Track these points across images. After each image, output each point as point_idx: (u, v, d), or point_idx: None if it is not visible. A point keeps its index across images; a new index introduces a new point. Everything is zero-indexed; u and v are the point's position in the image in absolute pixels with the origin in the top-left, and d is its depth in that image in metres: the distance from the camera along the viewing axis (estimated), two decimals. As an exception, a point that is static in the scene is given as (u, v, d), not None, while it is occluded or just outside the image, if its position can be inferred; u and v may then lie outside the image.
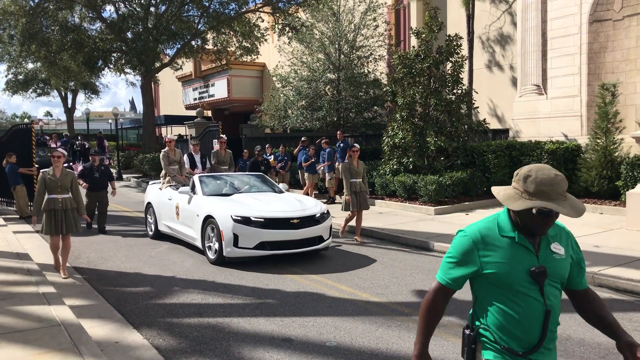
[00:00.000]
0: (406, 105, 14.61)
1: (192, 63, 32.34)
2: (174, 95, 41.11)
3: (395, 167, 14.94)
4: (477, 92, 16.10)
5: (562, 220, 2.47)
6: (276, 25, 23.35)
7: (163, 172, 10.88)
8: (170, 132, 42.46)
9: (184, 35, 26.38)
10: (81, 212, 7.84)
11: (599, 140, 12.62)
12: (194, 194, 9.28)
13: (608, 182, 12.36)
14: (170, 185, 10.47)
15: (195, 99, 34.21)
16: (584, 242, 8.94)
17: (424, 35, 14.77)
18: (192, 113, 30.44)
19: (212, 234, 8.31)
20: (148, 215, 10.92)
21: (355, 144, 10.49)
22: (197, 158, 12.13)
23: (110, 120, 43.80)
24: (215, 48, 26.66)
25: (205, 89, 33.24)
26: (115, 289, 7.01)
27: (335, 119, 18.70)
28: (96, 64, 26.93)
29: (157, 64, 26.86)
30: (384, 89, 17.12)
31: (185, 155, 11.76)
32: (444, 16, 19.23)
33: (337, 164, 14.87)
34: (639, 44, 13.36)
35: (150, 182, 11.76)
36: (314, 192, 15.97)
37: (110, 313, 5.94)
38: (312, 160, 15.15)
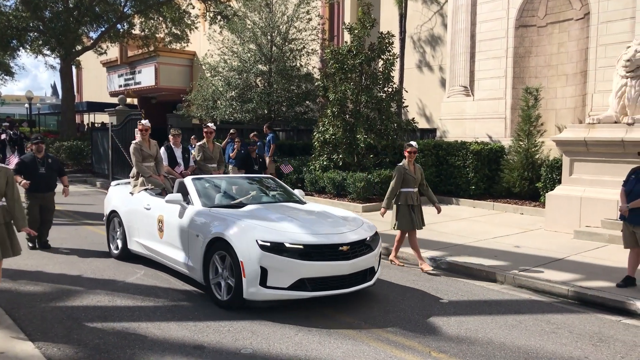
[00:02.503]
0: (337, 101, 14.46)
1: (117, 48, 30.78)
2: (99, 81, 39.06)
3: (325, 163, 14.77)
4: (407, 91, 16.21)
5: (484, 221, 2.26)
6: (207, 13, 22.57)
7: (133, 170, 8.17)
8: (93, 119, 40.38)
9: (109, 18, 24.97)
10: (20, 226, 5.58)
11: (521, 143, 12.98)
12: (188, 204, 6.65)
13: (529, 184, 12.74)
14: (147, 189, 7.82)
15: (120, 86, 32.62)
16: (504, 243, 9.10)
17: (356, 31, 14.67)
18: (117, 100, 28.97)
19: (222, 266, 5.84)
20: (112, 228, 8.18)
21: (412, 142, 8.10)
22: (178, 153, 9.41)
23: (26, 105, 41.04)
24: (143, 33, 25.46)
25: (131, 76, 31.75)
26: (9, 289, 6.32)
27: (266, 112, 18.28)
28: (10, 43, 24.96)
29: (79, 47, 25.31)
30: (316, 84, 16.92)
31: (162, 149, 9.09)
32: (377, 13, 19.27)
33: (267, 158, 14.50)
34: (560, 50, 13.86)
35: (113, 183, 8.97)
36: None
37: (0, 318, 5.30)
38: (242, 151, 14.71)
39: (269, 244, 5.50)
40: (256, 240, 5.52)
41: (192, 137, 16.70)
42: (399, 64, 16.87)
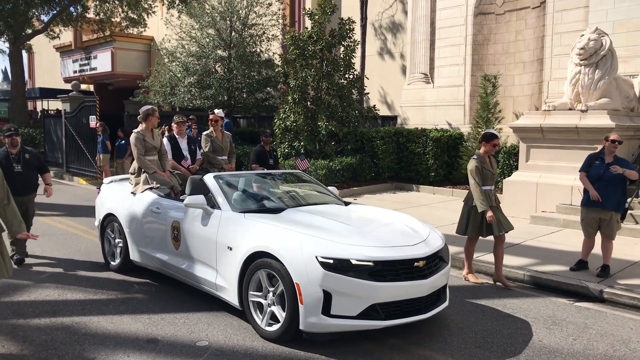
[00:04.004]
0: (298, 88, 14.32)
1: (71, 32, 29.67)
2: (53, 66, 37.67)
3: (286, 150, 14.64)
4: (368, 78, 16.18)
5: (443, 207, 2.21)
6: (165, -3, 21.91)
7: (134, 165, 6.86)
8: (47, 106, 38.97)
9: (61, 1, 23.99)
10: (16, 232, 4.56)
11: (479, 129, 13.13)
12: (213, 207, 5.41)
13: (487, 170, 12.91)
14: (152, 189, 6.54)
15: (75, 72, 31.50)
16: (463, 228, 9.19)
17: (317, 17, 14.51)
18: (71, 86, 27.98)
19: (271, 289, 4.63)
20: (108, 235, 6.89)
21: (492, 130, 6.70)
22: (184, 144, 7.96)
23: (-27, 91, 39.27)
24: (98, 17, 24.56)
25: (86, 61, 30.67)
26: (-49, 285, 6.00)
27: (226, 99, 17.96)
28: (-47, 25, 23.72)
29: (29, 31, 24.24)
30: (277, 70, 16.71)
31: (165, 140, 7.64)
32: (339, 0, 19.13)
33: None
34: (517, 38, 14.06)
35: (106, 180, 7.61)
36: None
37: (-61, 316, 5.02)
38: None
39: (331, 261, 4.31)
40: (316, 257, 4.33)
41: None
42: (360, 51, 16.81)
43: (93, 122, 16.20)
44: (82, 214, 10.68)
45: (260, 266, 4.66)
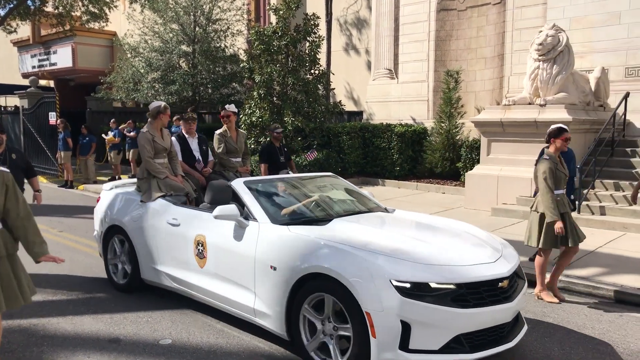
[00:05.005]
0: (264, 83, 14.27)
1: (29, 27, 28.80)
2: (10, 61, 36.53)
3: (252, 146, 14.57)
4: (333, 74, 16.24)
5: (407, 201, 2.26)
6: (127, -9, 21.46)
7: (141, 169, 5.96)
8: (4, 102, 37.76)
9: (18, -6, 23.24)
10: (37, 254, 3.79)
11: (443, 124, 13.35)
12: (247, 219, 4.63)
13: (450, 164, 13.16)
14: (166, 197, 5.68)
15: (34, 67, 30.61)
16: (427, 221, 9.33)
17: (281, 12, 14.48)
18: (30, 82, 27.18)
19: (331, 318, 3.91)
20: (112, 249, 6.05)
21: (560, 125, 5.92)
22: (194, 144, 6.89)
23: None
24: (57, 11, 23.89)
25: (46, 57, 29.85)
26: None
27: (191, 94, 17.76)
28: None
29: (-16, 25, 23.43)
30: (242, 65, 16.61)
31: (173, 139, 6.59)
32: (304, -5, 19.10)
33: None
34: (479, 34, 14.31)
35: (106, 187, 6.55)
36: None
37: None
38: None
39: (408, 285, 3.59)
40: (390, 281, 3.59)
41: (111, 120, 16.03)
42: (326, 47, 16.85)
43: (53, 118, 15.81)
44: (44, 213, 10.42)
45: (315, 290, 3.92)
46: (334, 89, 16.39)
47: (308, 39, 14.63)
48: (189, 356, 4.24)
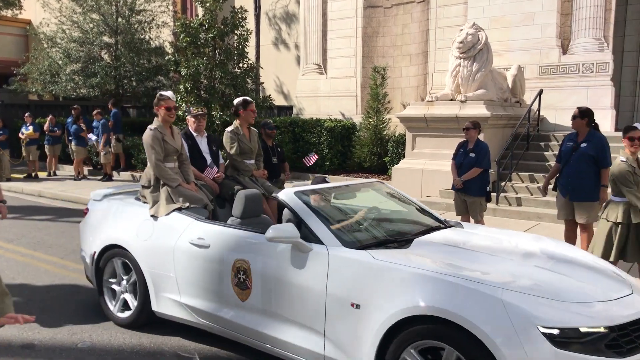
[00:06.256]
0: (190, 77, 13.93)
1: None
2: None
3: (179, 141, 14.23)
4: (262, 68, 16.11)
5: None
6: (42, -23, 20.29)
7: (147, 175, 4.93)
8: None
9: None
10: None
11: (370, 120, 13.60)
12: (308, 241, 3.64)
13: (378, 158, 13.43)
14: (182, 210, 4.61)
15: (-62, 56, 28.38)
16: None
17: (208, 5, 14.19)
18: None
19: None
20: (109, 276, 4.89)
21: (636, 124, 5.43)
22: (204, 145, 5.91)
23: None
24: (-37, -4, 22.29)
25: (-49, 45, 27.74)
26: None
27: (114, 87, 17.08)
28: None
29: None
30: (167, 58, 16.16)
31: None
32: (231, -13, 18.83)
33: (112, 136, 13.62)
34: (404, 31, 14.67)
35: (96, 194, 5.37)
36: (86, 169, 14.46)
37: None
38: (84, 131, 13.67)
39: (556, 332, 2.76)
40: (536, 326, 2.76)
41: (26, 114, 15.14)
42: (255, 41, 16.71)
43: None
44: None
45: (426, 338, 3.01)
46: (263, 83, 16.29)
47: (236, 32, 14.43)
48: (110, 358, 4.09)
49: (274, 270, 3.72)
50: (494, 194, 9.39)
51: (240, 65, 14.71)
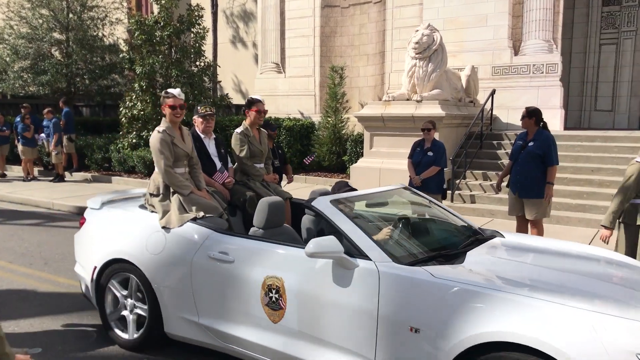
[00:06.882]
0: (145, 75, 13.68)
1: None
2: None
3: (134, 141, 13.94)
4: (219, 66, 15.99)
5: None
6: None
7: (155, 179, 4.46)
8: None
9: None
10: None
11: (329, 119, 13.67)
12: (354, 256, 3.26)
13: (337, 157, 13.51)
14: (197, 220, 4.13)
15: None
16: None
17: (163, 2, 13.97)
18: None
19: None
20: (113, 293, 4.35)
21: None
22: (212, 147, 5.37)
23: None
24: None
25: None
26: None
27: (65, 85, 16.59)
28: None
29: None
30: (122, 56, 15.82)
31: None
32: (187, -15, 18.58)
33: (64, 136, 13.23)
34: (362, 31, 14.80)
35: (94, 203, 4.80)
36: (37, 169, 14.01)
37: None
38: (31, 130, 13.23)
39: None
40: (637, 355, 2.43)
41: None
42: (212, 39, 16.54)
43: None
44: None
45: None
46: (220, 81, 16.15)
47: (192, 30, 14.26)
48: (61, 365, 3.98)
49: (313, 289, 3.33)
50: (449, 192, 9.61)
51: (197, 63, 14.56)
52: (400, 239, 3.67)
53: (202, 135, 5.27)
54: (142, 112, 13.75)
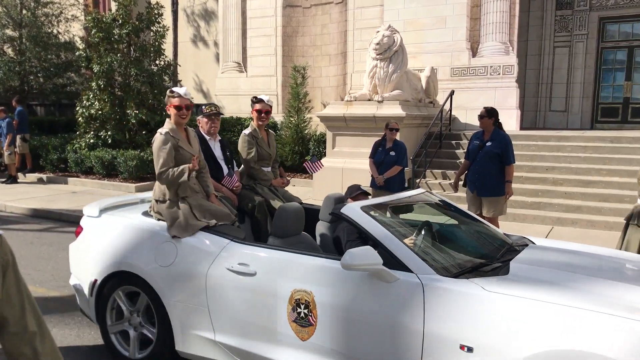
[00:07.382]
0: (103, 74, 13.36)
1: None
2: None
3: (92, 141, 13.60)
4: (180, 65, 15.79)
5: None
6: None
7: (159, 186, 4.05)
8: None
9: None
10: None
11: (292, 119, 13.67)
12: (393, 267, 3.00)
13: (299, 157, 13.52)
14: (209, 229, 3.79)
15: None
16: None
17: (121, -1, 13.69)
18: None
19: None
20: (116, 308, 4.02)
21: None
22: (217, 150, 5.07)
23: None
24: None
25: None
26: None
27: (18, 84, 16.06)
28: None
29: None
30: (78, 54, 15.42)
31: None
32: (147, -18, 18.26)
33: (17, 136, 12.81)
34: (323, 31, 14.86)
35: (90, 210, 4.35)
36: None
37: None
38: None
39: None
40: None
41: None
42: (173, 37, 16.30)
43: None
44: None
45: None
46: (181, 80, 15.90)
47: (152, 28, 14.02)
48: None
49: (346, 304, 3.06)
50: (410, 191, 9.75)
51: (157, 62, 14.32)
52: (435, 248, 3.42)
53: (207, 137, 4.94)
54: (100, 112, 13.43)
